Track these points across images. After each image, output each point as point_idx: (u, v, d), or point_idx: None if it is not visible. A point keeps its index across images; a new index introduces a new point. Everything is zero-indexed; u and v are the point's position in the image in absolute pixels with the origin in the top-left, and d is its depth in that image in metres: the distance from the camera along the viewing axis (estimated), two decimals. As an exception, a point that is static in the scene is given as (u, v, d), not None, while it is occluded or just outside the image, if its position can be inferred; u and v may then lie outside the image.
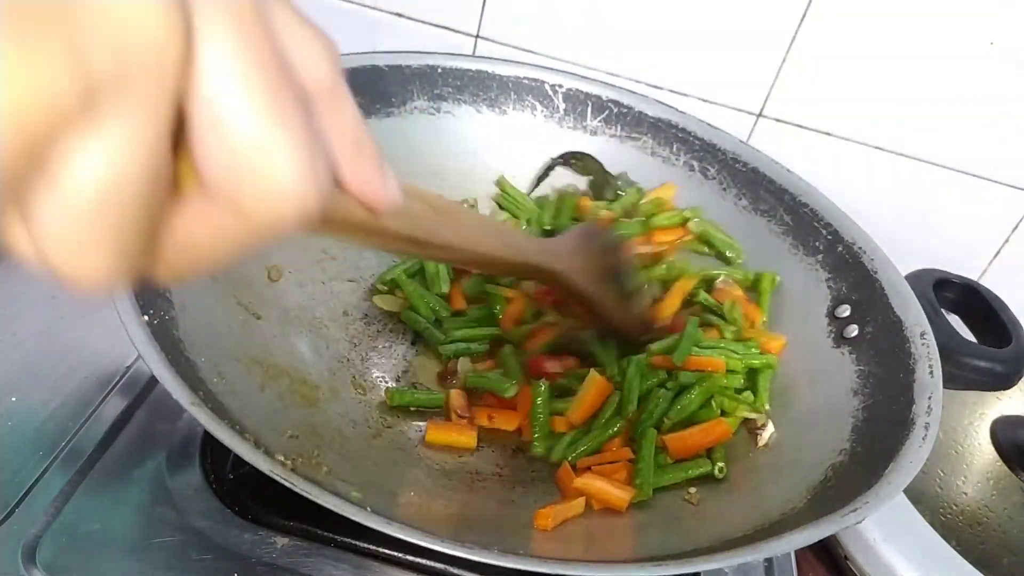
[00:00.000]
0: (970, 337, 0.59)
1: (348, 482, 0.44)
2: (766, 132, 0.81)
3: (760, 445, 0.53)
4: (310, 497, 0.37)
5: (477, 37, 0.81)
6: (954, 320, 0.59)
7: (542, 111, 0.72)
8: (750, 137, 0.82)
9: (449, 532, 0.38)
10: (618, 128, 0.71)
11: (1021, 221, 0.82)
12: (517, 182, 0.71)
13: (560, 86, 0.71)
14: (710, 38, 0.78)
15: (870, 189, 0.81)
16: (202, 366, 0.44)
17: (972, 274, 0.83)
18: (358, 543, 0.49)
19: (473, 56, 0.80)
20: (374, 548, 0.48)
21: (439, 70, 0.68)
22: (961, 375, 0.54)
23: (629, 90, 0.72)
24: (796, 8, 0.74)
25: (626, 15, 0.78)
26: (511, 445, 0.55)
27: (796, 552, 0.57)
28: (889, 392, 0.51)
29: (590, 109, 0.71)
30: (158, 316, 0.43)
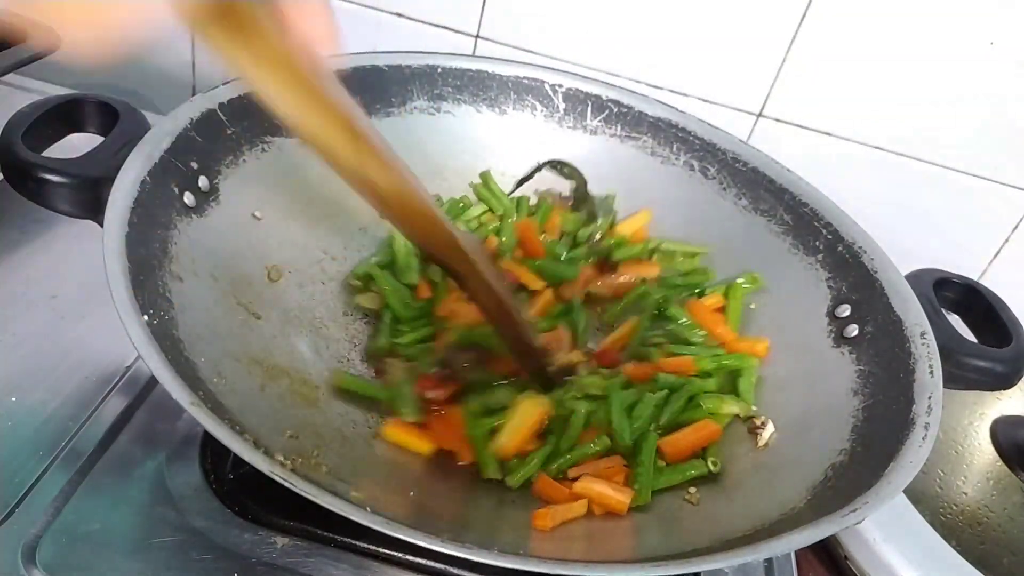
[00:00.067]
0: (970, 337, 0.59)
1: (348, 482, 0.44)
2: (766, 132, 0.81)
3: (760, 445, 0.53)
4: (310, 497, 0.37)
5: (477, 37, 0.81)
6: (954, 320, 0.59)
7: (542, 111, 0.72)
8: (750, 137, 0.82)
9: (449, 532, 0.38)
10: (618, 128, 0.71)
11: (1021, 221, 0.82)
12: (516, 182, 0.72)
13: (560, 86, 0.71)
14: (710, 38, 0.78)
15: (870, 189, 0.81)
16: (202, 366, 0.44)
17: (972, 274, 0.83)
18: (358, 543, 0.49)
19: (473, 56, 0.80)
20: (374, 548, 0.48)
21: (439, 70, 0.68)
22: (961, 375, 0.54)
23: (629, 90, 0.72)
24: (796, 8, 0.74)
25: (626, 15, 0.78)
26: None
27: (796, 552, 0.57)
28: (889, 392, 0.50)
29: (590, 109, 0.71)
30: (158, 316, 0.43)
